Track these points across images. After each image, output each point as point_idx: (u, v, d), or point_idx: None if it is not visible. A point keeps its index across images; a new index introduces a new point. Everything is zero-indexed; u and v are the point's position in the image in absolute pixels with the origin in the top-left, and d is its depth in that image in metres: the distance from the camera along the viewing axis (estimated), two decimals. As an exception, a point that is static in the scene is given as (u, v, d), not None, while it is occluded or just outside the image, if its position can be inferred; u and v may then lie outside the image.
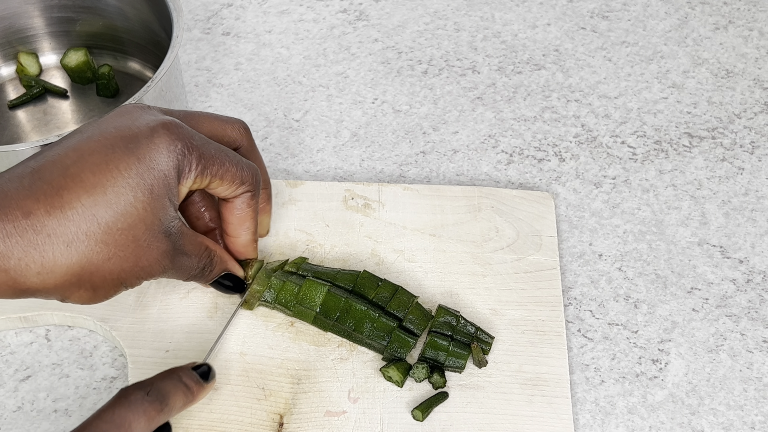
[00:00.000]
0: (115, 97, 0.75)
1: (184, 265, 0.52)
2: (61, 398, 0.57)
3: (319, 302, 0.57)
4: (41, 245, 0.45)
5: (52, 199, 0.46)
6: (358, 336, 0.57)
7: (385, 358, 0.57)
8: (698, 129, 0.75)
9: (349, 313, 0.57)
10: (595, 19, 0.85)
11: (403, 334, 0.56)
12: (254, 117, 0.76)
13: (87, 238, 0.46)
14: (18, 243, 0.45)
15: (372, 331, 0.57)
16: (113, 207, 0.47)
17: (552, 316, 0.59)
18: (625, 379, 0.58)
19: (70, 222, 0.46)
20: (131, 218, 0.47)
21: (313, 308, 0.57)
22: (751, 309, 0.62)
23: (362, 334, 0.57)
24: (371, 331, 0.57)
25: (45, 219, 0.45)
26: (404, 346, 0.56)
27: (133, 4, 0.73)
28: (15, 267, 0.45)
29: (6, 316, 0.59)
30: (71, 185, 0.46)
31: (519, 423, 0.54)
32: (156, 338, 0.58)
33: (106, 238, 0.47)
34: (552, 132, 0.74)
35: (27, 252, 0.45)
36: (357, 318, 0.57)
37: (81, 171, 0.47)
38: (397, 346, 0.56)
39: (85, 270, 0.47)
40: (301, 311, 0.58)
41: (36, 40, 0.77)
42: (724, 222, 0.67)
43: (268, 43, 0.83)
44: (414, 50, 0.82)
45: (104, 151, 0.48)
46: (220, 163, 0.51)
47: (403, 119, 0.76)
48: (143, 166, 0.48)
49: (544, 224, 0.65)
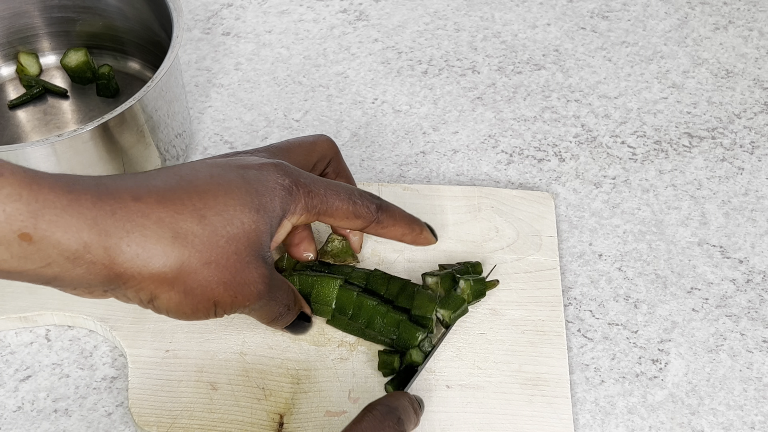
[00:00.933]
0: (115, 97, 0.75)
1: (276, 299, 0.51)
2: (61, 398, 0.57)
3: (333, 297, 0.57)
4: (147, 229, 0.44)
5: (164, 192, 0.46)
6: (371, 333, 0.57)
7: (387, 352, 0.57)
8: (698, 129, 0.75)
9: (361, 309, 0.57)
10: (595, 19, 0.85)
11: (412, 326, 0.56)
12: (254, 117, 0.76)
13: (194, 237, 0.46)
14: (123, 221, 0.44)
15: (383, 326, 0.57)
16: (222, 215, 0.47)
17: (552, 316, 0.59)
18: (625, 379, 0.58)
19: (180, 216, 0.45)
20: (236, 230, 0.47)
21: (329, 304, 0.57)
22: (751, 309, 0.62)
23: (374, 330, 0.57)
24: (382, 326, 0.57)
25: (155, 207, 0.45)
26: (411, 337, 0.56)
27: (133, 4, 0.73)
28: (115, 245, 0.44)
29: (6, 316, 0.59)
30: (184, 186, 0.47)
31: (519, 423, 0.54)
32: (156, 338, 0.58)
33: (211, 242, 0.46)
34: (552, 132, 0.74)
35: (130, 232, 0.44)
36: (369, 314, 0.57)
37: (195, 179, 0.48)
38: (406, 337, 0.56)
39: (183, 268, 0.45)
40: (318, 308, 0.58)
41: (36, 40, 0.77)
42: (724, 222, 0.67)
43: (268, 43, 0.83)
44: (414, 50, 0.82)
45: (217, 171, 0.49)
46: (329, 201, 0.52)
47: (403, 119, 0.76)
48: (253, 189, 0.48)
49: (544, 224, 0.65)
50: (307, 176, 0.52)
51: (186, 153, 0.72)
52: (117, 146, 0.63)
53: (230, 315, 0.50)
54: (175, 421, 0.53)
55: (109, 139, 0.62)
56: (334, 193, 0.52)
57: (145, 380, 0.56)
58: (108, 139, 0.62)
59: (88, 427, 0.56)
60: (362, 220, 0.54)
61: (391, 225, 0.56)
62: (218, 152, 0.73)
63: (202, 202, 0.47)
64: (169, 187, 0.47)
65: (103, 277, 0.45)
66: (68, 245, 0.43)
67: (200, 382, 0.56)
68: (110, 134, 0.62)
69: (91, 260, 0.44)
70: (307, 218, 0.52)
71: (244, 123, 0.75)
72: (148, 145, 0.66)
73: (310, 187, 0.51)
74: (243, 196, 0.48)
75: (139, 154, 0.65)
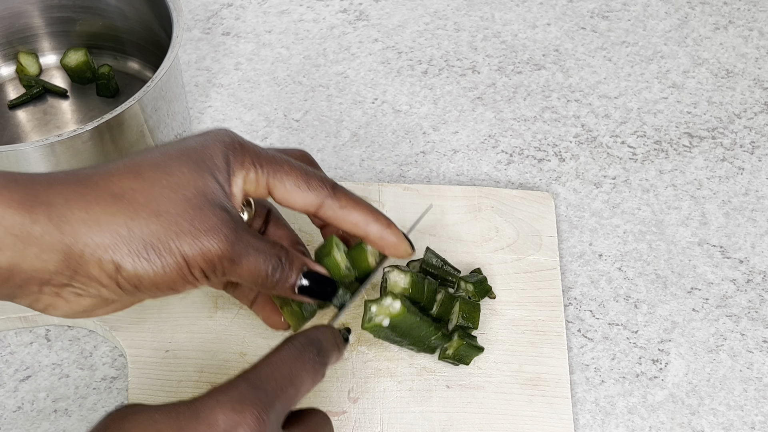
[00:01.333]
0: (115, 97, 0.75)
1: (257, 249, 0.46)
2: (61, 398, 0.57)
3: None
4: (85, 194, 0.43)
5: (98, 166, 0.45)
6: (410, 346, 0.57)
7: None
8: (698, 129, 0.75)
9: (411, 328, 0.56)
10: (595, 19, 0.85)
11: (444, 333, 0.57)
12: (254, 117, 0.76)
13: (133, 192, 0.44)
14: (61, 192, 0.43)
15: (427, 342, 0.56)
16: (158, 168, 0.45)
17: (552, 316, 0.59)
18: (625, 379, 0.58)
19: (114, 177, 0.44)
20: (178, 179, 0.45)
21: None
22: (751, 309, 0.62)
23: (416, 346, 0.57)
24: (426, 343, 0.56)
25: (90, 174, 0.44)
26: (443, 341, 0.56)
27: (133, 4, 0.73)
28: (58, 214, 0.42)
29: (6, 316, 0.59)
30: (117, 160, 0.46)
31: (519, 423, 0.54)
32: (156, 338, 0.58)
33: (153, 192, 0.44)
34: (552, 132, 0.74)
35: (70, 200, 0.43)
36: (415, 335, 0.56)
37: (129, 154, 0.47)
38: (438, 343, 0.57)
39: (133, 224, 0.43)
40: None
41: (36, 40, 0.77)
42: (724, 222, 0.67)
43: (268, 43, 0.83)
44: (414, 50, 0.82)
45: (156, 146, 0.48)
46: (278, 164, 0.49)
47: (403, 119, 0.76)
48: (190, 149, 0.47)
49: (544, 224, 0.65)
50: (254, 144, 0.50)
51: (186, 153, 0.72)
52: (117, 146, 0.63)
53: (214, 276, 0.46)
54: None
55: (109, 139, 0.62)
56: (284, 160, 0.50)
57: (145, 380, 0.56)
58: (108, 139, 0.62)
59: (88, 427, 0.55)
60: (315, 194, 0.50)
61: (352, 206, 0.51)
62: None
63: (135, 164, 0.45)
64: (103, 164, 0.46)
65: (57, 254, 0.43)
66: (12, 219, 0.42)
67: (200, 382, 0.56)
68: (110, 134, 0.62)
69: (40, 233, 0.42)
70: (256, 179, 0.49)
71: (244, 123, 0.75)
72: (148, 145, 0.66)
73: (255, 148, 0.49)
74: (179, 154, 0.46)
75: (139, 154, 0.65)
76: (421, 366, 0.57)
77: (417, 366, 0.57)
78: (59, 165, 0.61)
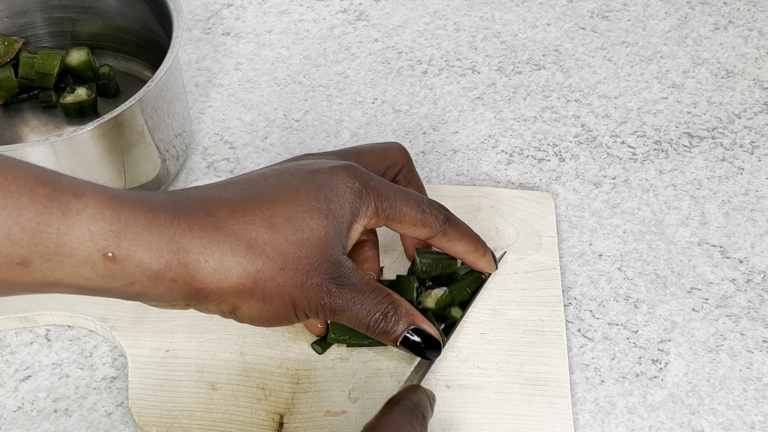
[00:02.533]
0: (115, 97, 0.75)
1: (356, 302, 0.50)
2: (61, 398, 0.57)
3: None
4: (222, 243, 0.46)
5: (235, 205, 0.47)
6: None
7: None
8: (698, 129, 0.75)
9: None
10: (595, 19, 0.85)
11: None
12: (254, 117, 0.76)
13: (265, 245, 0.47)
14: (199, 237, 0.45)
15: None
16: (291, 222, 0.48)
17: (552, 316, 0.59)
18: (625, 379, 0.58)
19: (250, 226, 0.47)
20: (306, 235, 0.48)
21: None
22: (751, 309, 0.62)
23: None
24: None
25: (228, 220, 0.46)
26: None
27: (133, 4, 0.73)
28: (194, 262, 0.45)
29: (6, 316, 0.59)
30: (254, 196, 0.48)
31: (519, 423, 0.54)
32: (156, 338, 0.58)
33: (282, 248, 0.47)
34: (552, 132, 0.74)
35: (207, 248, 0.45)
36: None
37: (264, 188, 0.49)
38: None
39: (260, 276, 0.47)
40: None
41: (36, 39, 0.77)
42: (724, 222, 0.67)
43: (268, 43, 0.83)
44: (414, 50, 0.82)
45: (286, 177, 0.50)
46: (398, 206, 0.52)
47: (403, 119, 0.76)
48: (322, 195, 0.49)
49: (544, 224, 0.65)
50: (377, 180, 0.52)
51: (186, 153, 0.72)
52: (117, 146, 0.63)
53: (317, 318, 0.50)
54: (175, 421, 0.53)
55: (109, 139, 0.62)
56: (403, 198, 0.53)
57: (145, 380, 0.56)
58: (108, 139, 0.62)
59: (88, 427, 0.56)
60: (429, 230, 0.54)
61: (457, 240, 0.56)
62: (218, 152, 0.73)
63: (272, 211, 0.48)
64: (239, 198, 0.48)
65: (184, 293, 0.46)
66: (150, 264, 0.44)
67: (200, 382, 0.56)
68: (110, 134, 0.62)
69: (172, 278, 0.45)
70: (376, 222, 0.52)
71: (244, 123, 0.75)
72: (148, 145, 0.66)
73: (379, 190, 0.52)
74: (312, 202, 0.49)
75: (139, 154, 0.65)
76: (421, 366, 0.57)
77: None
78: (59, 165, 0.61)
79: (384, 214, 0.52)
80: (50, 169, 0.43)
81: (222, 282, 0.46)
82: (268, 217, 0.47)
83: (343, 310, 0.49)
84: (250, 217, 0.47)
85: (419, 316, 0.52)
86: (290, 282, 0.48)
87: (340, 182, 0.50)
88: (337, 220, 0.50)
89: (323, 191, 0.50)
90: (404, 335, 0.51)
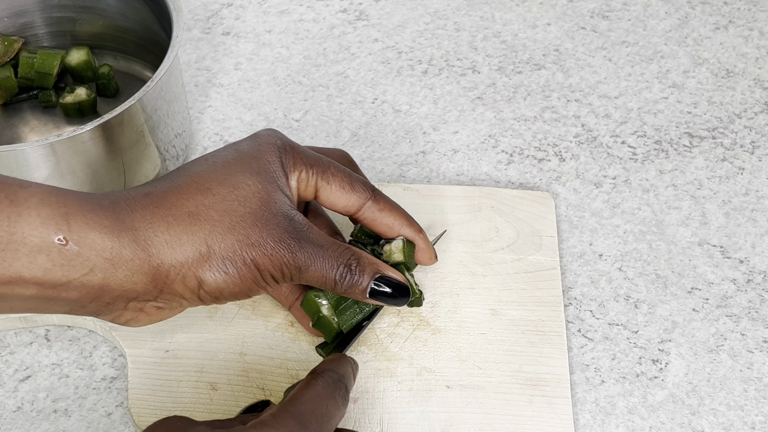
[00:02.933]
0: (115, 97, 0.75)
1: (319, 256, 0.49)
2: (61, 398, 0.57)
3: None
4: (165, 216, 0.47)
5: (167, 183, 0.49)
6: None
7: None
8: (698, 129, 0.75)
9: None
10: (595, 19, 0.85)
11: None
12: (254, 117, 0.76)
13: (206, 209, 0.48)
14: (142, 215, 0.47)
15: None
16: (225, 183, 0.49)
17: (552, 316, 0.59)
18: (625, 380, 0.58)
19: (186, 197, 0.48)
20: (244, 192, 0.49)
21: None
22: (751, 309, 0.62)
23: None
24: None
25: (164, 196, 0.48)
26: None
27: (133, 4, 0.73)
28: (144, 238, 0.46)
29: (6, 316, 0.59)
30: (183, 176, 0.50)
31: (519, 423, 0.54)
32: (156, 338, 0.58)
33: (224, 208, 0.48)
34: (552, 132, 0.74)
35: (152, 222, 0.47)
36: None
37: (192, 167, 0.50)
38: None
39: (211, 240, 0.47)
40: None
41: (36, 39, 0.77)
42: (724, 222, 0.67)
43: (268, 43, 0.83)
44: (414, 50, 0.82)
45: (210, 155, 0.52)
46: (324, 166, 0.53)
47: (403, 119, 0.76)
48: (248, 155, 0.51)
49: (544, 224, 0.65)
50: (300, 146, 0.53)
51: (186, 153, 0.72)
52: (117, 146, 0.63)
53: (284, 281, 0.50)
54: (175, 422, 0.53)
55: (109, 139, 0.62)
56: (329, 162, 0.54)
57: (144, 380, 0.56)
58: (108, 139, 0.62)
59: (87, 428, 0.56)
60: (358, 196, 0.54)
61: (388, 209, 0.55)
62: (218, 152, 0.73)
63: (203, 180, 0.49)
64: (171, 179, 0.50)
65: (145, 275, 0.46)
66: (103, 244, 0.45)
67: (200, 382, 0.56)
68: (110, 134, 0.62)
69: (129, 257, 0.46)
70: (306, 178, 0.52)
71: (244, 123, 0.75)
72: (148, 145, 0.66)
73: (304, 150, 0.53)
74: (240, 165, 0.50)
75: (139, 154, 0.65)
76: (421, 366, 0.57)
77: (417, 366, 0.57)
78: (59, 165, 0.61)
79: (312, 170, 0.52)
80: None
81: (177, 253, 0.47)
82: (201, 185, 0.49)
83: (307, 266, 0.49)
84: (185, 190, 0.48)
85: (382, 265, 0.52)
86: (245, 241, 0.48)
87: (262, 141, 0.52)
88: (270, 175, 0.50)
89: (248, 153, 0.51)
90: (372, 287, 0.51)
